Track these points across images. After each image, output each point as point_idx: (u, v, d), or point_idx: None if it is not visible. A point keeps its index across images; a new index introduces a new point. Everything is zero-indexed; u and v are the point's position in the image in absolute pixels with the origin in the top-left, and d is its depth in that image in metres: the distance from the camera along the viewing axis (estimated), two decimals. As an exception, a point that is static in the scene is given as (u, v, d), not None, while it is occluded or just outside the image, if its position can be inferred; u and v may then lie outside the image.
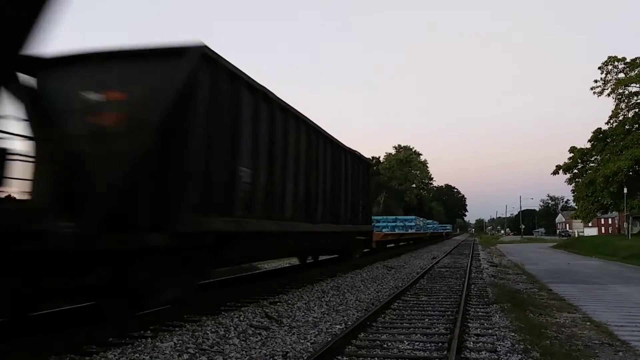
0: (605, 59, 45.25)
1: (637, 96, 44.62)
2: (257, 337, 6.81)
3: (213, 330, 7.05)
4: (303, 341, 6.60)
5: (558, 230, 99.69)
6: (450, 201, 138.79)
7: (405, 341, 6.61)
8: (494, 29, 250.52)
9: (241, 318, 7.93)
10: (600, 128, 46.70)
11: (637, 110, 44.73)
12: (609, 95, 45.73)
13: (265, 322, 7.76)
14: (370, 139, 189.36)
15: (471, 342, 6.61)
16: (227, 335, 6.82)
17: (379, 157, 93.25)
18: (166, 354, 5.78)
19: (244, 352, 5.97)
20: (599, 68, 45.98)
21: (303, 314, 8.64)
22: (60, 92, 6.91)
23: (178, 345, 6.17)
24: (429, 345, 6.44)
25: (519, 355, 5.89)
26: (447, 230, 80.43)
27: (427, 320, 8.15)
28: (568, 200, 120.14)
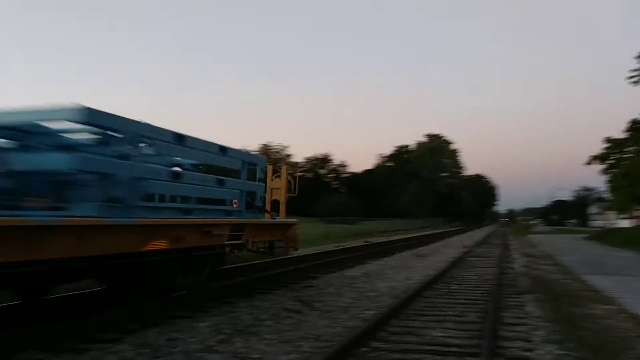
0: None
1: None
2: (290, 320, 6.93)
3: (247, 312, 7.21)
4: (335, 325, 6.69)
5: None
6: (481, 191, 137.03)
7: (437, 328, 6.63)
8: (525, 16, 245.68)
9: (274, 301, 8.07)
10: (636, 118, 45.32)
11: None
12: (645, 85, 44.28)
13: (297, 306, 7.88)
14: (403, 126, 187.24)
15: (504, 331, 6.59)
16: (261, 317, 6.97)
17: (409, 145, 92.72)
18: (204, 333, 5.95)
19: (277, 334, 6.09)
20: (636, 57, 44.56)
21: (334, 299, 8.73)
22: None
23: (215, 325, 6.34)
24: (461, 332, 6.45)
25: (554, 345, 5.84)
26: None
27: (458, 308, 8.14)
28: (602, 191, 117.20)
